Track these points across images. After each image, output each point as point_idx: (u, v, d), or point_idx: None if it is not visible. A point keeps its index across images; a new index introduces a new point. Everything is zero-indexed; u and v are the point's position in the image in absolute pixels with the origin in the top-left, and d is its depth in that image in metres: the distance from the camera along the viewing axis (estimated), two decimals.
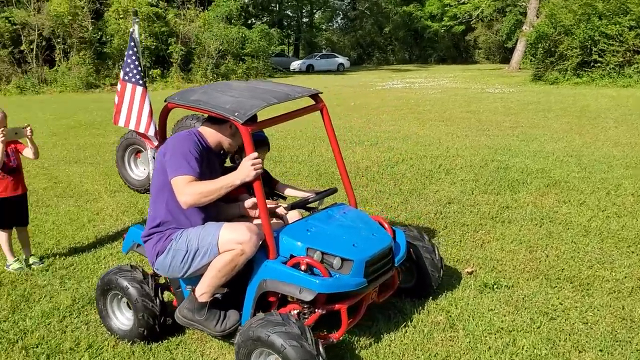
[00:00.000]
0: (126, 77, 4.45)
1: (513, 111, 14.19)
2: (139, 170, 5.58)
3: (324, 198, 3.75)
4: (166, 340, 3.59)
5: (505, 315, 3.83)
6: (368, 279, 3.17)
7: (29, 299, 4.28)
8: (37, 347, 3.60)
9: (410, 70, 39.86)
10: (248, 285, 3.21)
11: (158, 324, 3.49)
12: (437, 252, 3.97)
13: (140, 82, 4.41)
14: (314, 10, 55.66)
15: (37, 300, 4.26)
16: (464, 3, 39.02)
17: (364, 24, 56.55)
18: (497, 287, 4.23)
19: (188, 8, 31.15)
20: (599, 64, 20.92)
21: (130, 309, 3.56)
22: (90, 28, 27.25)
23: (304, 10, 54.12)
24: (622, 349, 3.40)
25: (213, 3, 33.52)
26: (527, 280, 4.37)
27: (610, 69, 20.62)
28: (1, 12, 26.07)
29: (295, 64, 42.23)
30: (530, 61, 25.69)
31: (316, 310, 3.16)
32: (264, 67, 33.44)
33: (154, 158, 4.55)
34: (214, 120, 3.35)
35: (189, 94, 3.42)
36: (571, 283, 4.27)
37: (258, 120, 3.29)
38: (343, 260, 3.11)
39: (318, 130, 11.59)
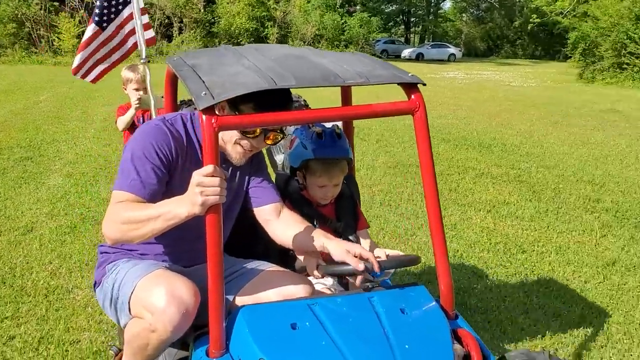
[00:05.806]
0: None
1: (496, 101, 15.40)
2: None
3: (386, 271, 1.99)
4: None
5: None
6: None
7: None
8: None
9: (513, 64, 40.04)
10: None
11: None
12: None
13: (97, 18, 4.15)
14: (440, 1, 57.00)
15: None
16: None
17: (494, 17, 56.38)
18: None
19: None
20: None
21: None
22: (202, 10, 32.15)
23: (432, 1, 55.68)
24: None
25: None
26: None
27: None
28: None
29: (406, 52, 44.73)
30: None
31: None
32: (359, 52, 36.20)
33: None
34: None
35: (193, 56, 2.12)
36: None
37: (309, 107, 2.30)
38: None
39: None
